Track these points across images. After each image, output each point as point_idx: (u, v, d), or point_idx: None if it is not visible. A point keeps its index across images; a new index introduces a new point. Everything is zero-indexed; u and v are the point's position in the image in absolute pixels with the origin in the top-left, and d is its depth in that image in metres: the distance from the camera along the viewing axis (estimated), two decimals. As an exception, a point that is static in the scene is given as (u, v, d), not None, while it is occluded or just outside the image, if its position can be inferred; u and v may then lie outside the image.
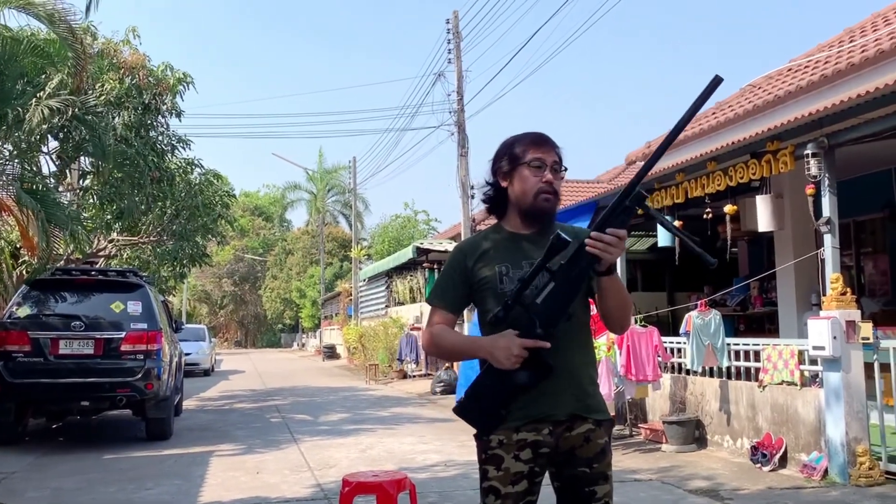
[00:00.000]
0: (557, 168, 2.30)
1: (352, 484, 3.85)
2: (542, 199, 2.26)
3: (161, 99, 11.78)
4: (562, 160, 2.33)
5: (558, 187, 2.31)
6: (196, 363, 21.09)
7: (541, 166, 2.27)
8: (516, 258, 2.26)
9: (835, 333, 5.95)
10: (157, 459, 7.77)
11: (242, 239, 53.54)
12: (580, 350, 2.26)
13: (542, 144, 2.30)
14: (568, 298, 2.12)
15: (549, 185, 2.27)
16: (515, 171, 2.29)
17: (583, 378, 2.24)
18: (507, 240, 2.32)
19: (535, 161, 2.27)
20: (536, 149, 2.29)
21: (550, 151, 2.30)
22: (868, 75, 7.60)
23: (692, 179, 8.17)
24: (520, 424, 2.18)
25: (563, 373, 2.17)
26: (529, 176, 2.27)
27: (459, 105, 16.65)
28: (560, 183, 2.32)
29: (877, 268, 10.60)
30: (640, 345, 7.88)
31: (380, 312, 24.38)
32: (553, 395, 2.18)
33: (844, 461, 5.89)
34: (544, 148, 2.29)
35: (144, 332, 8.63)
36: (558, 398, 2.18)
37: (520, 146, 2.31)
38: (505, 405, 2.18)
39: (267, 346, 56.31)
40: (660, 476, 6.44)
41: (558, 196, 2.30)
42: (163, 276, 15.17)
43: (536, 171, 2.27)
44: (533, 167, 2.27)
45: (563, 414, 2.18)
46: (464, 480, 6.22)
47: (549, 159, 2.28)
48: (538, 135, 2.34)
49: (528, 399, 2.18)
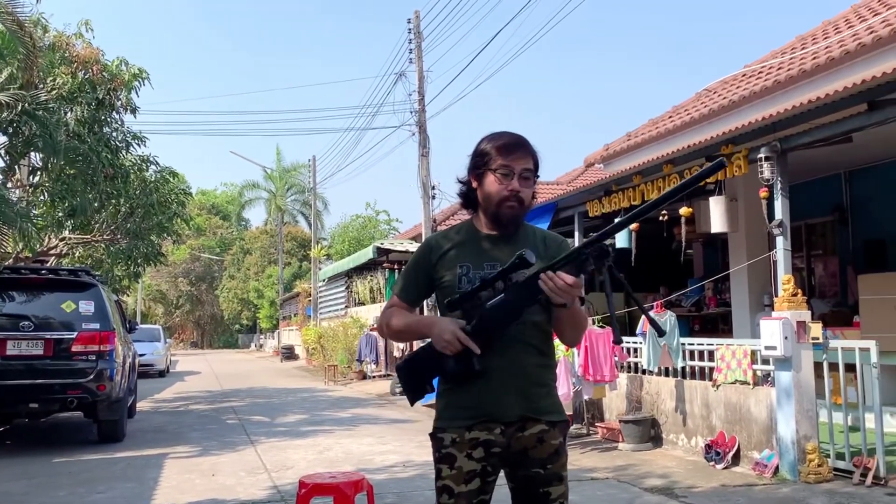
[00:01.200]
0: (528, 175, 2.26)
1: (308, 485, 3.81)
2: (505, 207, 2.25)
3: (115, 94, 11.51)
4: (536, 166, 2.29)
5: (527, 195, 2.27)
6: (151, 364, 20.74)
7: (508, 174, 2.23)
8: (479, 259, 2.28)
9: (786, 334, 6.08)
10: (110, 462, 7.60)
11: (199, 238, 52.77)
12: (534, 353, 2.24)
13: (513, 151, 2.25)
14: (513, 315, 2.13)
15: (514, 194, 2.24)
16: (484, 176, 2.28)
17: (534, 380, 2.24)
18: (473, 239, 2.32)
19: (502, 168, 2.24)
20: (506, 155, 2.24)
21: (521, 158, 2.25)
22: (819, 81, 7.81)
23: (648, 182, 8.29)
24: (471, 423, 2.19)
25: (512, 375, 2.19)
26: (495, 183, 2.25)
27: (420, 105, 16.63)
28: (530, 191, 2.28)
29: (826, 270, 10.87)
30: (597, 345, 7.96)
31: (339, 313, 24.23)
32: (500, 396, 2.19)
33: (795, 458, 6.03)
34: (515, 155, 2.25)
35: (97, 332, 8.44)
36: (505, 399, 2.19)
37: (491, 150, 2.27)
38: (430, 381, 2.25)
39: (224, 347, 55.56)
40: (616, 475, 6.51)
41: (524, 204, 2.27)
42: (116, 275, 14.84)
43: (503, 178, 2.24)
44: (500, 174, 2.24)
45: (511, 416, 2.19)
46: (422, 481, 6.22)
47: (519, 167, 2.24)
48: (511, 140, 2.28)
49: (475, 399, 2.19)
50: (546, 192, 15.49)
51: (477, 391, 2.20)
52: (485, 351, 2.16)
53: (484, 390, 2.19)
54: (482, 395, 2.19)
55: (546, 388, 2.28)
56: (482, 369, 2.16)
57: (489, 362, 2.19)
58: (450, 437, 2.21)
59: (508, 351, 2.19)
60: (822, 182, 10.08)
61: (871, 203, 9.79)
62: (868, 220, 9.90)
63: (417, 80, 16.81)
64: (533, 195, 2.33)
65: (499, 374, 2.19)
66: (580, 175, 16.43)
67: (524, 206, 2.27)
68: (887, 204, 9.48)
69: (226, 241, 54.69)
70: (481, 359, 2.16)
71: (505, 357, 2.18)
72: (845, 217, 10.14)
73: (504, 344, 2.18)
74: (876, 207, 9.72)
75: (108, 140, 11.57)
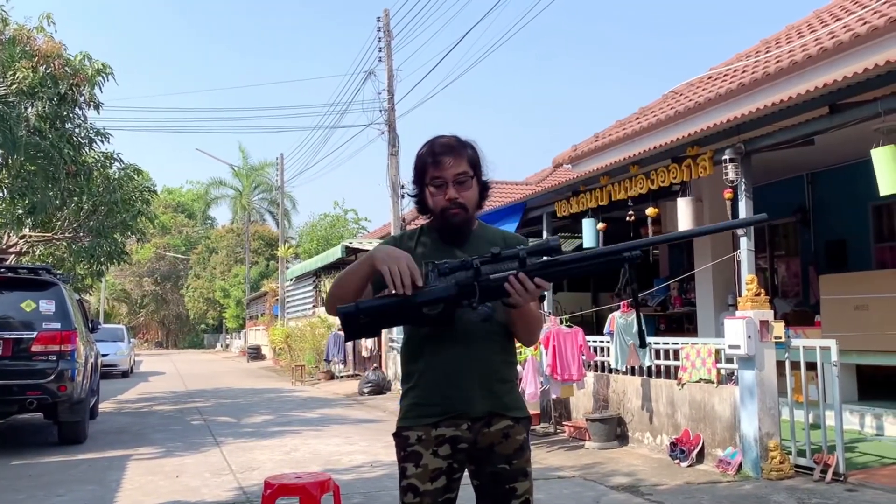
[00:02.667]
0: (463, 179, 2.23)
1: (274, 486, 3.77)
2: (449, 215, 2.23)
3: (78, 90, 11.30)
4: (473, 165, 2.26)
5: (468, 198, 2.24)
6: (114, 364, 20.41)
7: (441, 185, 2.22)
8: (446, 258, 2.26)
9: (749, 333, 6.17)
10: (70, 464, 7.46)
11: (164, 236, 52.06)
12: (498, 350, 2.24)
13: (440, 161, 2.22)
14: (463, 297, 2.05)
15: (453, 202, 2.22)
16: (424, 190, 2.28)
17: (498, 376, 2.24)
18: (434, 241, 2.31)
19: (434, 181, 2.23)
20: (435, 167, 2.23)
21: (451, 165, 2.22)
22: (783, 85, 7.94)
23: (616, 183, 8.36)
24: (439, 420, 2.19)
25: (478, 371, 2.19)
26: (432, 196, 2.25)
27: (390, 104, 16.60)
28: (471, 192, 2.25)
29: (789, 270, 11.07)
30: (565, 345, 8.00)
31: (307, 312, 24.07)
32: (467, 392, 2.19)
33: (757, 456, 6.12)
34: (443, 164, 2.22)
35: (58, 331, 8.27)
36: (472, 395, 2.19)
37: (423, 162, 2.26)
38: (378, 330, 2.21)
39: (189, 347, 54.89)
40: (582, 473, 6.55)
41: (468, 208, 2.24)
42: (79, 274, 14.58)
43: (437, 190, 2.23)
44: (433, 188, 2.24)
45: (478, 411, 2.19)
46: (389, 481, 6.19)
47: (450, 174, 2.22)
48: (436, 150, 2.25)
49: (442, 395, 2.19)
50: (515, 192, 15.56)
51: (443, 388, 2.20)
52: (446, 340, 2.16)
53: (451, 386, 2.19)
54: (449, 391, 2.19)
55: (509, 385, 2.29)
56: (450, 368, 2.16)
57: (455, 358, 2.19)
58: (416, 435, 2.21)
59: (473, 347, 2.19)
60: (785, 184, 10.27)
61: (832, 205, 9.99)
62: (829, 222, 10.10)
63: (387, 78, 16.78)
64: (483, 191, 2.30)
65: (465, 370, 2.19)
66: (549, 175, 16.52)
67: (468, 210, 2.25)
68: (848, 206, 9.68)
69: (191, 239, 54.02)
70: (447, 355, 2.17)
71: (470, 353, 2.19)
72: (807, 218, 10.34)
73: (469, 340, 2.19)
74: (837, 209, 9.92)
75: (70, 136, 11.36)
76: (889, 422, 7.32)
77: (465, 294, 2.04)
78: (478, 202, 2.30)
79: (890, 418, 7.33)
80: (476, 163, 2.28)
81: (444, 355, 2.20)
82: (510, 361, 2.32)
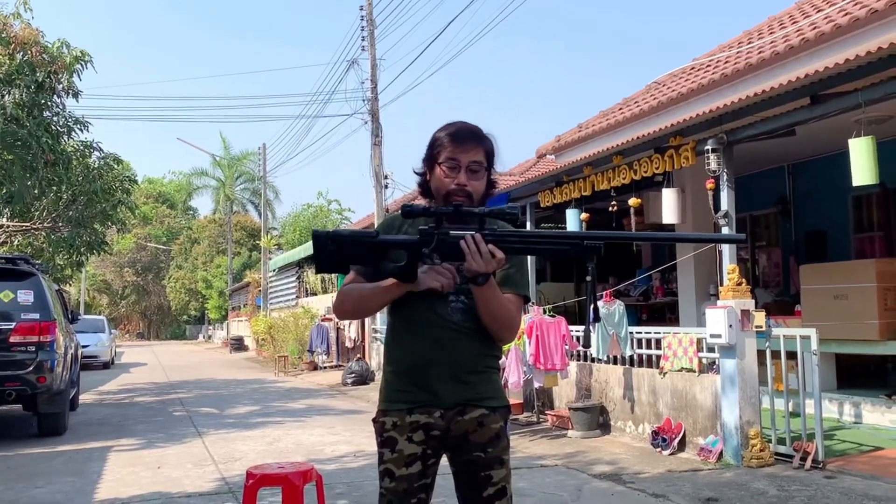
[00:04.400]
0: (476, 168, 2.21)
1: (256, 476, 3.75)
2: (451, 202, 2.19)
3: (56, 77, 11.13)
4: (489, 157, 2.24)
5: (475, 188, 2.21)
6: (94, 356, 20.25)
7: (454, 167, 2.19)
8: None
9: (731, 322, 6.21)
10: (50, 456, 7.39)
11: (145, 227, 51.61)
12: (470, 339, 2.21)
13: (461, 143, 2.20)
14: (424, 243, 2.07)
15: (461, 189, 2.19)
16: (433, 169, 2.25)
17: (469, 367, 2.21)
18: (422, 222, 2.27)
19: (448, 161, 2.20)
20: (454, 148, 2.20)
21: (470, 150, 2.20)
22: (765, 75, 7.97)
23: (599, 173, 8.37)
24: (411, 407, 2.19)
25: (446, 362, 2.18)
26: (442, 177, 2.21)
27: (373, 93, 16.52)
28: (479, 183, 2.22)
29: (770, 260, 11.17)
30: (548, 334, 8.02)
31: (290, 303, 23.99)
32: (434, 384, 2.18)
33: (738, 444, 6.18)
34: (464, 147, 2.20)
35: (36, 322, 8.19)
36: (440, 387, 2.18)
37: (441, 141, 2.23)
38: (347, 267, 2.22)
39: (171, 339, 54.54)
40: (565, 461, 6.58)
41: (473, 198, 2.21)
42: (58, 264, 14.42)
43: (449, 171, 2.20)
44: (446, 167, 2.20)
45: (446, 403, 2.18)
46: (372, 471, 6.14)
47: (467, 159, 2.19)
48: (460, 131, 2.23)
49: (412, 385, 2.20)
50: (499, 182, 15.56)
51: (414, 377, 2.20)
52: (421, 329, 2.18)
53: (420, 376, 2.19)
54: (419, 380, 2.20)
55: (484, 374, 2.25)
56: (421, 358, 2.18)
57: (422, 350, 2.19)
58: (391, 421, 2.22)
59: (447, 337, 2.18)
60: (767, 175, 10.34)
61: (812, 195, 10.07)
62: (810, 212, 10.19)
63: (370, 67, 16.69)
64: (490, 186, 2.27)
65: (436, 360, 2.18)
66: (532, 166, 16.48)
67: (473, 200, 2.21)
68: (828, 196, 9.76)
69: (173, 230, 53.56)
70: (420, 344, 2.19)
71: (443, 343, 2.18)
72: (788, 209, 10.42)
73: (443, 330, 2.18)
74: (817, 200, 10.01)
75: (48, 125, 11.19)
76: (867, 410, 7.42)
77: (425, 242, 2.06)
78: (483, 196, 2.26)
79: (868, 406, 7.42)
80: (491, 157, 2.27)
81: (417, 344, 2.21)
82: (487, 353, 2.27)
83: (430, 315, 2.19)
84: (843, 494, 5.07)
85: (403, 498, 2.18)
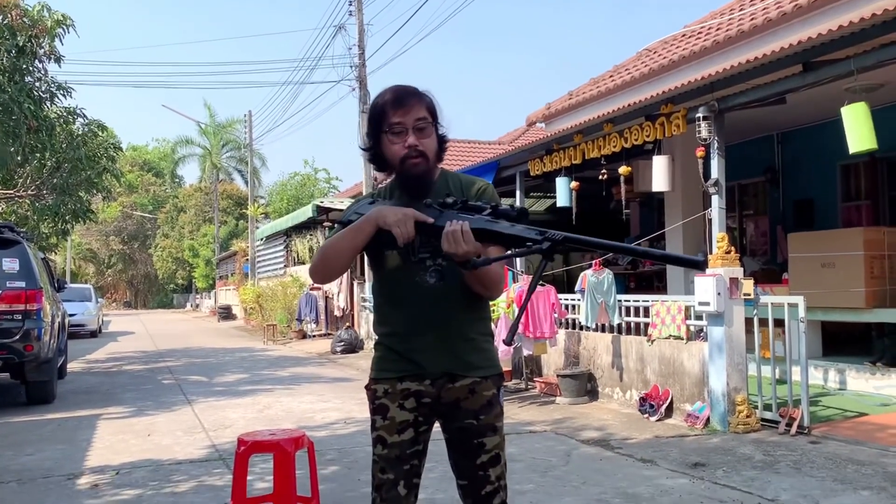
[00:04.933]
0: (423, 126, 2.15)
1: (247, 443, 3.75)
2: (409, 165, 2.15)
3: (37, 42, 10.91)
4: (432, 113, 2.18)
5: (428, 146, 2.16)
6: (82, 324, 20.19)
7: (401, 131, 2.14)
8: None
9: (719, 290, 6.24)
10: (39, 424, 7.38)
11: (130, 195, 51.21)
12: (459, 308, 2.18)
13: (400, 105, 2.14)
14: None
15: (414, 149, 2.14)
16: (381, 140, 2.19)
17: (459, 335, 2.19)
18: (402, 197, 2.22)
19: (394, 126, 2.14)
20: (395, 111, 2.14)
21: (412, 109, 2.15)
22: (756, 42, 7.93)
23: (589, 141, 8.33)
24: (402, 375, 2.18)
25: (434, 330, 2.16)
26: (391, 144, 2.16)
27: (361, 59, 16.33)
28: (430, 140, 2.17)
29: (758, 229, 11.22)
30: (538, 303, 8.05)
31: (278, 272, 23.91)
32: (423, 353, 2.16)
33: (725, 410, 6.25)
34: (403, 108, 2.14)
35: (23, 290, 8.12)
36: (428, 356, 2.16)
37: (380, 110, 2.17)
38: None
39: (159, 308, 54.43)
40: (554, 427, 6.64)
41: (427, 156, 2.16)
42: (43, 232, 14.28)
43: (397, 136, 2.14)
44: (394, 133, 2.15)
45: (436, 372, 2.16)
46: (362, 437, 6.23)
47: (411, 119, 2.14)
48: (395, 94, 2.17)
49: (401, 353, 2.19)
50: (488, 151, 15.49)
51: (401, 346, 2.19)
52: (408, 298, 2.16)
53: (408, 345, 2.18)
54: (402, 351, 2.18)
55: (474, 342, 2.22)
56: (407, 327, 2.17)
57: (410, 318, 2.17)
58: (382, 388, 2.20)
59: (433, 306, 2.15)
60: (756, 143, 10.34)
61: (801, 164, 10.09)
62: (798, 181, 10.21)
63: (357, 33, 16.48)
64: (441, 144, 2.22)
65: (422, 329, 2.16)
66: (522, 134, 16.44)
67: (428, 158, 2.17)
68: (817, 165, 9.78)
69: (159, 198, 53.17)
70: (407, 313, 2.17)
71: (429, 312, 2.15)
72: (776, 178, 10.44)
73: (429, 299, 2.14)
74: (806, 169, 10.03)
75: (30, 90, 11.00)
76: (851, 376, 7.52)
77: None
78: (437, 153, 2.22)
79: (852, 373, 7.52)
80: (434, 111, 2.20)
81: (404, 313, 2.19)
82: (476, 318, 2.24)
83: (409, 283, 2.16)
84: (827, 459, 5.15)
85: (396, 464, 2.17)
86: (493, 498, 2.19)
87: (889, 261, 7.62)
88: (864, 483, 4.56)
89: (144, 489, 4.85)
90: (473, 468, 2.19)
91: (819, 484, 4.58)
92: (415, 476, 2.21)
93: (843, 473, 4.79)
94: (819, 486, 4.52)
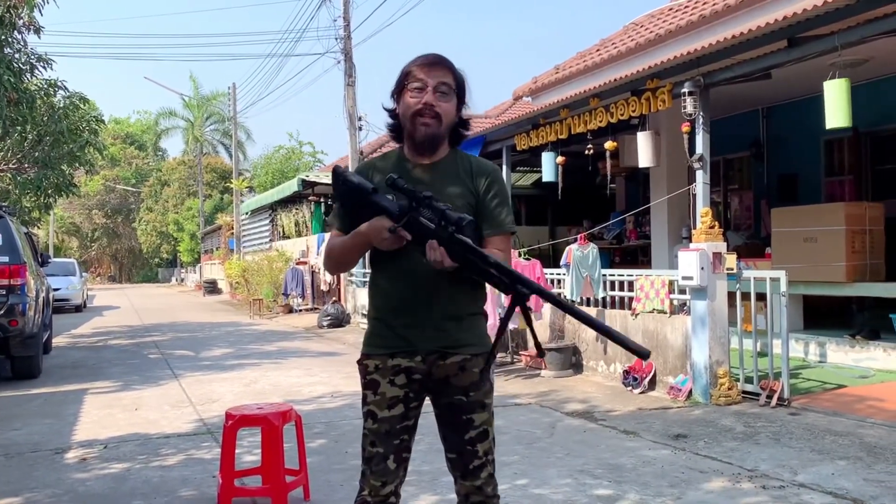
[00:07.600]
0: (445, 90, 2.18)
1: (235, 417, 3.79)
2: (419, 123, 2.17)
3: (16, 12, 10.69)
4: (458, 83, 2.22)
5: (445, 111, 2.18)
6: (66, 299, 20.11)
7: (422, 87, 2.16)
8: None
9: (702, 264, 6.30)
10: (25, 399, 7.38)
11: (113, 168, 50.65)
12: (449, 286, 2.18)
13: (429, 66, 2.18)
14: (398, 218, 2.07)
15: (428, 108, 2.15)
16: (401, 95, 2.22)
17: (449, 313, 2.21)
18: (401, 168, 2.24)
19: (416, 83, 2.17)
20: (421, 70, 2.18)
21: (438, 73, 2.18)
22: (743, 17, 7.92)
23: (575, 116, 8.34)
24: (393, 351, 2.21)
25: (425, 307, 2.18)
26: (408, 97, 2.18)
27: (346, 31, 16.16)
28: (448, 106, 2.19)
29: (742, 204, 11.30)
30: (523, 276, 8.08)
31: (264, 246, 23.85)
32: (413, 330, 2.19)
33: (707, 382, 6.34)
34: (432, 70, 2.18)
35: (6, 265, 8.07)
36: (419, 333, 2.19)
37: (409, 69, 2.21)
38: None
39: (144, 282, 54.16)
40: (539, 400, 6.72)
41: (441, 120, 2.17)
42: (25, 206, 14.13)
43: (417, 92, 2.17)
44: (413, 89, 2.17)
45: (427, 348, 2.19)
46: (350, 410, 6.28)
47: (434, 80, 2.16)
48: (426, 56, 2.22)
49: (392, 329, 2.21)
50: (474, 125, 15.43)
51: (392, 322, 2.21)
52: (400, 275, 2.18)
53: (398, 322, 2.20)
54: (397, 326, 2.21)
55: (465, 321, 2.24)
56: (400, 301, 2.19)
57: (403, 295, 2.19)
58: (373, 364, 2.23)
59: (424, 283, 2.16)
60: (741, 118, 10.38)
61: (786, 139, 10.14)
62: (782, 156, 10.28)
63: (343, 4, 16.29)
64: (459, 118, 2.25)
65: (413, 306, 2.18)
66: (508, 108, 16.36)
67: (441, 122, 2.18)
68: (801, 140, 9.85)
69: (142, 172, 52.63)
70: (398, 290, 2.20)
71: (419, 289, 2.17)
72: (761, 153, 10.50)
73: (420, 276, 2.16)
74: (790, 143, 10.09)
75: (9, 62, 10.80)
76: (831, 349, 7.64)
77: (399, 218, 2.06)
78: (453, 124, 2.24)
79: (832, 346, 7.64)
80: (462, 87, 2.24)
81: (395, 290, 2.21)
82: (468, 296, 2.26)
83: (403, 260, 2.17)
84: (806, 430, 5.26)
85: (386, 439, 2.21)
86: (481, 471, 2.23)
87: (870, 235, 7.72)
88: (842, 453, 4.67)
89: (133, 462, 4.88)
90: (462, 443, 2.22)
91: (797, 454, 4.68)
92: (404, 451, 2.24)
93: (820, 444, 4.89)
94: (797, 457, 4.62)
